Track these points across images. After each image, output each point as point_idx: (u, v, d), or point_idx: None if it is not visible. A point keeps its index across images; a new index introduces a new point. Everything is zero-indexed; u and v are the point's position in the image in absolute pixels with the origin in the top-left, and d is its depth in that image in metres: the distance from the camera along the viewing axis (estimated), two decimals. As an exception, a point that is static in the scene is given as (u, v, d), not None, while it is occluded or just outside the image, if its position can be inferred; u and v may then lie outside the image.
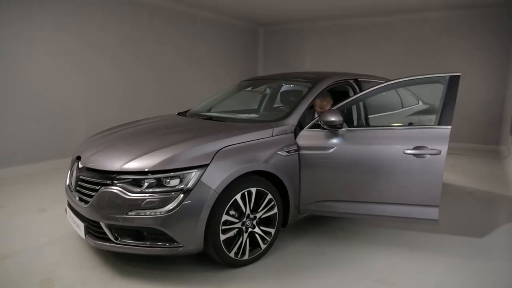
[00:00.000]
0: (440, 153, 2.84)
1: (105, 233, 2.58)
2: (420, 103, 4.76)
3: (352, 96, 3.83)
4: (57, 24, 5.64)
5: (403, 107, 4.38)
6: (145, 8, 6.93)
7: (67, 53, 5.80)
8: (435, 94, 3.15)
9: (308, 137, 3.10)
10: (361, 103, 3.81)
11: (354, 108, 3.83)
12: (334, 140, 3.07)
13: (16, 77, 5.25)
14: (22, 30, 5.24)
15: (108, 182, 2.54)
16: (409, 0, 6.87)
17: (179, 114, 4.01)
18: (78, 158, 2.94)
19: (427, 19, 7.92)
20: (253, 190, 2.74)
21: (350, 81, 3.87)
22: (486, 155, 7.19)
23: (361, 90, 3.87)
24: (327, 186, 3.13)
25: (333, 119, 2.98)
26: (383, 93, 4.25)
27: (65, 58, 5.79)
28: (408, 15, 8.05)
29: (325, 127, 3.06)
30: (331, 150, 3.05)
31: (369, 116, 3.82)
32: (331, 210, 3.16)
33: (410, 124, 4.23)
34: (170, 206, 2.42)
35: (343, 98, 3.91)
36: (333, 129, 3.05)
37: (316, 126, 3.12)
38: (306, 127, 3.14)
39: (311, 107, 3.36)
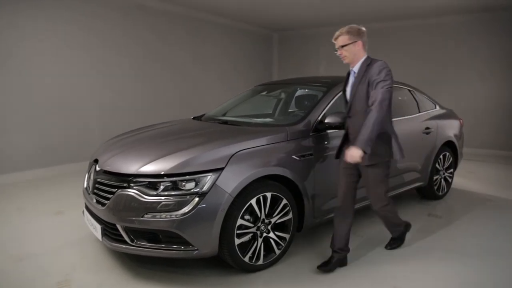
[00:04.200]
0: None
1: (121, 235, 2.60)
2: (437, 107, 4.70)
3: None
4: (74, 29, 5.75)
5: (419, 112, 4.34)
6: (163, 13, 7.03)
7: (84, 58, 5.91)
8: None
9: (317, 140, 3.11)
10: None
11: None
12: (339, 140, 3.09)
13: (33, 81, 5.37)
14: (38, 33, 5.36)
15: (125, 185, 2.57)
16: (425, 5, 6.80)
17: (194, 118, 4.04)
18: (96, 161, 2.98)
19: (441, 24, 7.83)
20: (268, 195, 2.73)
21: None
22: (508, 161, 7.03)
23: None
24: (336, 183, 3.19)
25: (329, 120, 3.03)
26: (399, 98, 4.25)
27: (82, 64, 5.90)
28: (423, 20, 7.97)
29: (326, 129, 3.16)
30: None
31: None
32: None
33: (427, 128, 4.22)
34: (185, 209, 2.43)
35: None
36: (335, 130, 3.11)
37: (321, 129, 3.14)
38: (311, 131, 3.12)
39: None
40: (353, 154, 2.49)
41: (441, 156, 4.46)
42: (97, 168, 2.89)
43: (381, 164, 2.70)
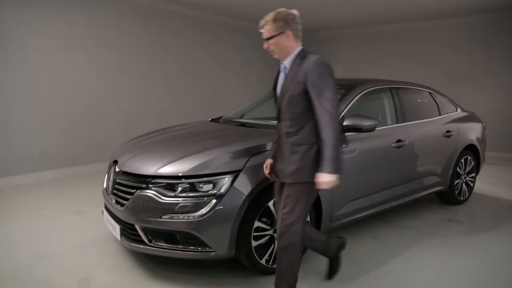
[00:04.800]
0: None
1: (139, 236, 2.63)
2: (459, 110, 4.60)
3: (388, 104, 3.78)
4: (97, 29, 5.87)
5: (440, 114, 4.26)
6: (185, 17, 7.11)
7: (106, 60, 6.02)
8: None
9: None
10: (394, 110, 3.74)
11: (387, 115, 3.76)
12: (356, 143, 3.18)
13: (55, 82, 5.50)
14: (60, 33, 5.49)
15: (144, 185, 2.60)
16: (444, 6, 6.68)
17: (212, 120, 4.06)
18: (115, 162, 3.02)
19: (462, 24, 7.66)
20: (285, 197, 2.71)
21: (386, 88, 3.80)
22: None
23: (398, 98, 3.81)
24: (356, 186, 3.24)
25: (347, 123, 3.02)
26: (419, 100, 4.19)
27: (104, 65, 6.01)
28: (443, 20, 7.82)
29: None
30: (355, 153, 3.17)
31: (405, 124, 3.74)
32: (360, 207, 3.31)
33: (448, 132, 4.14)
34: (203, 211, 2.44)
35: (378, 106, 3.88)
36: (353, 132, 3.12)
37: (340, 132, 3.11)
38: None
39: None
40: (326, 181, 2.03)
41: (462, 160, 4.37)
42: (117, 169, 2.93)
43: (302, 184, 2.15)
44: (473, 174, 4.62)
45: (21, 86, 5.15)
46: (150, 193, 2.55)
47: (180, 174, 2.53)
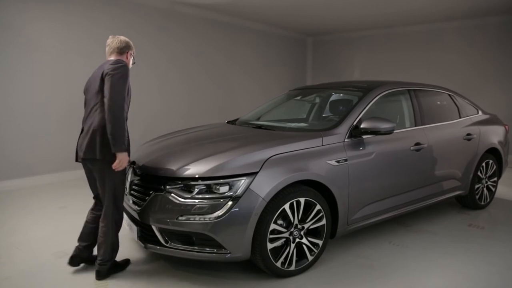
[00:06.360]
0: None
1: (156, 236, 2.66)
2: (480, 112, 4.50)
3: (407, 106, 3.73)
4: (116, 33, 5.95)
5: (460, 117, 4.18)
6: (203, 20, 7.17)
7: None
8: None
9: (353, 145, 3.06)
10: (412, 112, 3.69)
11: (406, 117, 3.72)
12: (373, 146, 3.17)
13: (75, 85, 5.60)
14: (85, 38, 5.60)
15: (161, 187, 2.63)
16: (463, 7, 6.55)
17: (228, 122, 4.07)
18: (133, 163, 3.07)
19: (485, 26, 7.50)
20: (302, 200, 2.70)
21: (404, 90, 3.75)
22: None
23: (416, 100, 3.75)
24: (373, 189, 3.21)
25: (365, 126, 3.04)
26: (438, 102, 4.12)
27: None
28: (461, 21, 7.67)
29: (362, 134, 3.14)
30: (373, 155, 3.15)
31: (424, 127, 3.68)
32: (377, 211, 3.26)
33: (468, 134, 4.05)
34: (219, 213, 2.45)
35: (395, 108, 3.83)
36: (370, 135, 3.13)
37: (356, 134, 3.11)
38: (346, 137, 3.07)
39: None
40: None
41: (483, 164, 4.27)
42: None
43: None
44: (495, 178, 4.52)
45: (43, 89, 5.28)
46: (167, 194, 2.58)
47: (197, 176, 2.55)
